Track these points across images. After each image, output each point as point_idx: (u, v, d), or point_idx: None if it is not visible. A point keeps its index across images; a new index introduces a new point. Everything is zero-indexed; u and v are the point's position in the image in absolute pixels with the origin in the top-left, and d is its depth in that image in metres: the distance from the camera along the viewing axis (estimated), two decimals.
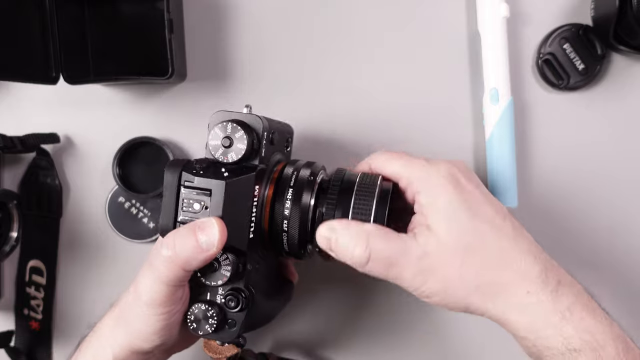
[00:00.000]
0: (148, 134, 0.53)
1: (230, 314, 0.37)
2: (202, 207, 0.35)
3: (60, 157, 0.55)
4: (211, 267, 0.36)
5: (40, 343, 0.55)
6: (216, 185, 0.35)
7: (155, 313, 0.36)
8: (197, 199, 0.35)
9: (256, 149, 0.37)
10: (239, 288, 0.37)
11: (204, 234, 0.34)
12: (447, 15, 0.51)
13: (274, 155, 0.41)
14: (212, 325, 0.36)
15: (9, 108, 0.55)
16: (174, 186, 0.36)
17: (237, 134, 0.36)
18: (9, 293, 0.56)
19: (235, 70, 0.53)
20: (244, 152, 0.36)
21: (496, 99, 0.48)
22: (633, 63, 0.50)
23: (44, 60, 0.49)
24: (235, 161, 0.36)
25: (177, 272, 0.35)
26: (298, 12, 0.52)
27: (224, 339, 0.38)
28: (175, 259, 0.35)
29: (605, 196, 0.50)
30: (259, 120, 0.38)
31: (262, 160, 0.38)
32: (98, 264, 0.55)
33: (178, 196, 0.36)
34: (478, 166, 0.51)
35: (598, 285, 0.50)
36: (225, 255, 0.36)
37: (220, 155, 0.36)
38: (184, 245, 0.34)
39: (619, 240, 0.50)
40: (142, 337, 0.37)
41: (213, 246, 0.34)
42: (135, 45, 0.52)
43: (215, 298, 0.37)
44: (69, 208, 0.55)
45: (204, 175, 0.35)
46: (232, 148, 0.36)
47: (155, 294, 0.36)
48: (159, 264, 0.35)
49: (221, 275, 0.36)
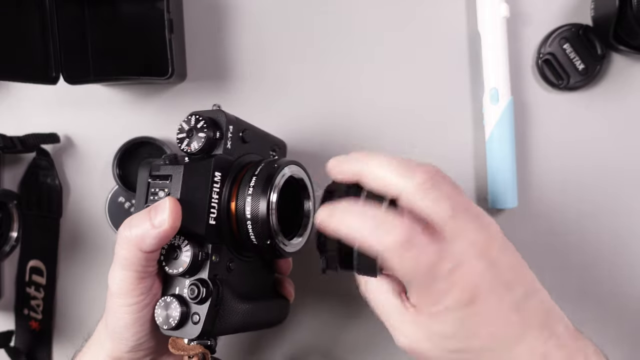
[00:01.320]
0: (148, 134, 0.53)
1: (193, 308, 0.37)
2: (165, 194, 0.37)
3: (60, 157, 0.55)
4: (173, 253, 0.37)
5: (40, 343, 0.55)
6: (175, 169, 0.37)
7: (123, 304, 0.36)
8: (162, 187, 0.37)
9: (219, 139, 0.39)
10: (202, 279, 0.37)
11: (156, 212, 0.35)
12: (447, 15, 0.51)
13: (249, 155, 0.41)
14: (175, 319, 0.36)
15: (9, 108, 0.55)
16: (144, 180, 0.38)
17: (198, 124, 0.38)
18: (9, 293, 0.56)
19: (235, 70, 0.53)
20: (204, 140, 0.38)
21: (496, 99, 0.48)
22: (633, 63, 0.50)
23: (44, 60, 0.49)
24: (198, 150, 0.38)
25: (135, 253, 0.35)
26: (298, 12, 0.52)
27: (187, 335, 0.37)
28: (132, 238, 0.35)
29: (605, 196, 0.50)
30: (223, 114, 0.39)
31: (227, 152, 0.39)
32: (98, 264, 0.55)
33: (148, 188, 0.38)
34: (478, 166, 0.51)
35: (598, 285, 0.50)
36: (186, 241, 0.36)
37: (185, 146, 0.38)
38: (138, 225, 0.35)
39: (619, 240, 0.50)
40: (116, 335, 0.37)
41: (164, 222, 0.35)
42: (135, 45, 0.52)
43: (182, 291, 0.37)
44: (69, 208, 0.55)
45: (168, 164, 0.38)
46: (193, 138, 0.38)
47: (121, 282, 0.36)
48: (119, 248, 0.36)
49: (182, 262, 0.36)
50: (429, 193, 0.32)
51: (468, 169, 0.51)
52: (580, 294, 0.50)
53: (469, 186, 0.51)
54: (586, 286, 0.50)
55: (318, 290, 0.53)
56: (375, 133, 0.52)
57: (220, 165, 0.38)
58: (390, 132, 0.51)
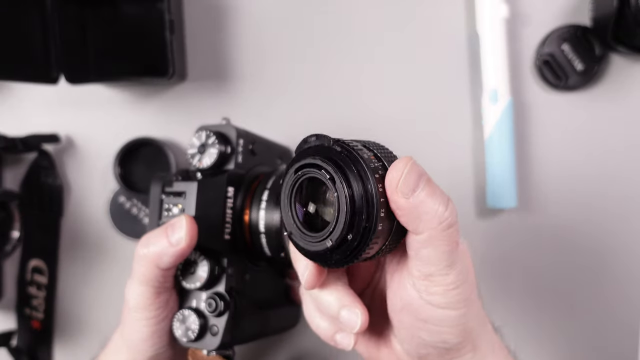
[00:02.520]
0: (148, 134, 0.53)
1: (212, 320, 0.37)
2: (180, 210, 0.37)
3: (61, 157, 0.55)
4: (189, 269, 0.37)
5: (42, 342, 0.55)
6: (190, 186, 0.37)
7: (141, 318, 0.37)
8: (175, 203, 0.38)
9: (230, 154, 0.39)
10: (219, 292, 0.37)
11: (173, 230, 0.36)
12: (446, 16, 0.51)
13: (259, 167, 0.42)
14: (194, 331, 0.37)
15: (10, 108, 0.55)
16: (157, 196, 0.38)
17: (209, 140, 0.38)
18: (10, 292, 0.56)
19: (235, 71, 0.53)
20: (217, 156, 0.38)
21: (495, 99, 0.48)
22: (631, 63, 0.50)
23: (45, 60, 0.49)
24: (210, 166, 0.38)
25: (152, 270, 0.36)
26: (298, 13, 0.52)
27: (206, 347, 0.38)
28: (149, 256, 0.36)
29: (605, 195, 0.50)
30: (233, 129, 0.40)
31: (239, 166, 0.39)
32: (99, 264, 0.55)
33: (161, 205, 0.38)
34: (477, 166, 0.51)
35: (598, 285, 0.50)
36: (203, 256, 0.37)
37: (197, 162, 0.39)
38: (156, 243, 0.36)
39: (619, 240, 0.50)
40: (134, 346, 0.38)
41: (182, 240, 0.35)
42: (135, 46, 0.53)
43: (199, 305, 0.38)
44: (70, 208, 0.55)
45: (181, 180, 0.38)
46: (205, 153, 0.38)
47: (138, 297, 0.36)
48: (137, 265, 0.36)
49: (199, 277, 0.37)
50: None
51: (467, 169, 0.51)
52: (579, 293, 0.50)
53: (468, 186, 0.51)
54: (585, 286, 0.50)
55: None
56: (375, 133, 0.51)
57: (232, 180, 0.39)
58: (390, 133, 0.51)
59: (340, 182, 0.27)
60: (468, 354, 0.33)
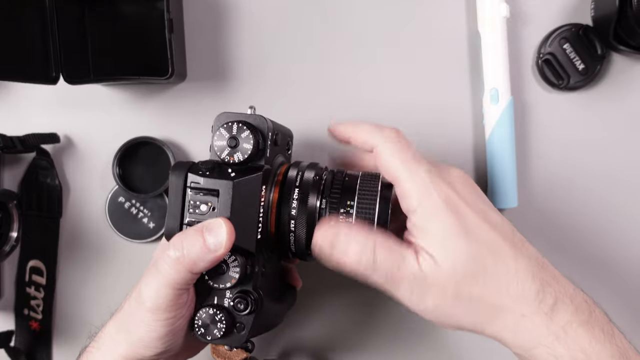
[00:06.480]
0: (148, 134, 0.53)
1: (238, 318, 0.36)
2: (209, 208, 0.35)
3: (60, 157, 0.55)
4: (219, 269, 0.35)
5: (40, 343, 0.55)
6: (224, 185, 0.35)
7: (159, 319, 0.36)
8: (204, 200, 0.35)
9: (262, 149, 0.37)
10: (247, 290, 0.36)
11: (211, 235, 0.34)
12: (447, 15, 0.51)
13: (277, 157, 0.40)
14: (221, 329, 0.36)
15: (9, 108, 0.55)
16: (180, 188, 0.36)
17: (243, 134, 0.36)
18: (8, 293, 0.56)
19: (235, 70, 0.53)
20: (250, 152, 0.36)
21: (496, 99, 0.48)
22: (633, 63, 0.50)
23: (44, 60, 0.49)
24: (242, 161, 0.36)
25: (184, 275, 0.34)
26: (298, 12, 0.52)
27: (233, 343, 0.37)
28: (183, 261, 0.34)
29: (605, 196, 0.50)
30: (264, 121, 0.38)
31: (267, 161, 0.38)
32: (98, 264, 0.55)
33: (184, 198, 0.36)
34: (478, 166, 0.51)
35: (598, 285, 0.50)
36: (234, 257, 0.35)
37: (227, 156, 0.36)
38: (191, 247, 0.34)
39: (619, 239, 0.50)
40: (144, 344, 0.37)
41: (221, 247, 0.34)
42: (135, 45, 0.52)
43: (223, 302, 0.36)
44: (69, 208, 0.55)
45: (211, 176, 0.35)
46: (238, 148, 0.36)
47: (159, 299, 0.35)
48: (166, 267, 0.35)
49: (230, 278, 0.35)
50: (395, 143, 0.38)
51: (468, 169, 0.51)
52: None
53: None
54: (586, 285, 0.50)
55: (317, 291, 0.53)
56: None
57: (265, 178, 0.37)
58: None
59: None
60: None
